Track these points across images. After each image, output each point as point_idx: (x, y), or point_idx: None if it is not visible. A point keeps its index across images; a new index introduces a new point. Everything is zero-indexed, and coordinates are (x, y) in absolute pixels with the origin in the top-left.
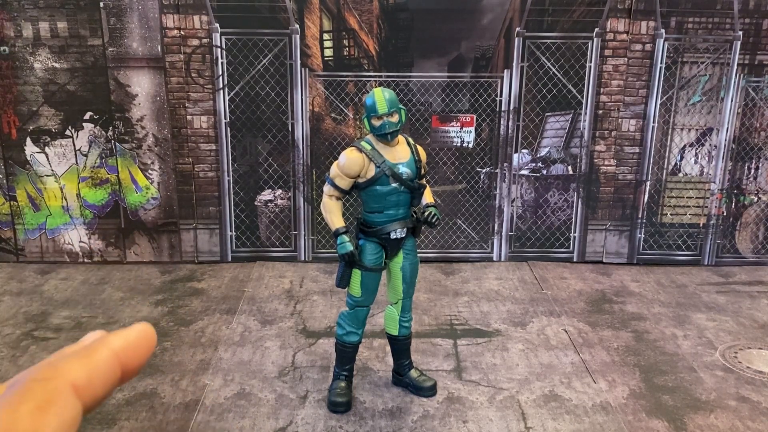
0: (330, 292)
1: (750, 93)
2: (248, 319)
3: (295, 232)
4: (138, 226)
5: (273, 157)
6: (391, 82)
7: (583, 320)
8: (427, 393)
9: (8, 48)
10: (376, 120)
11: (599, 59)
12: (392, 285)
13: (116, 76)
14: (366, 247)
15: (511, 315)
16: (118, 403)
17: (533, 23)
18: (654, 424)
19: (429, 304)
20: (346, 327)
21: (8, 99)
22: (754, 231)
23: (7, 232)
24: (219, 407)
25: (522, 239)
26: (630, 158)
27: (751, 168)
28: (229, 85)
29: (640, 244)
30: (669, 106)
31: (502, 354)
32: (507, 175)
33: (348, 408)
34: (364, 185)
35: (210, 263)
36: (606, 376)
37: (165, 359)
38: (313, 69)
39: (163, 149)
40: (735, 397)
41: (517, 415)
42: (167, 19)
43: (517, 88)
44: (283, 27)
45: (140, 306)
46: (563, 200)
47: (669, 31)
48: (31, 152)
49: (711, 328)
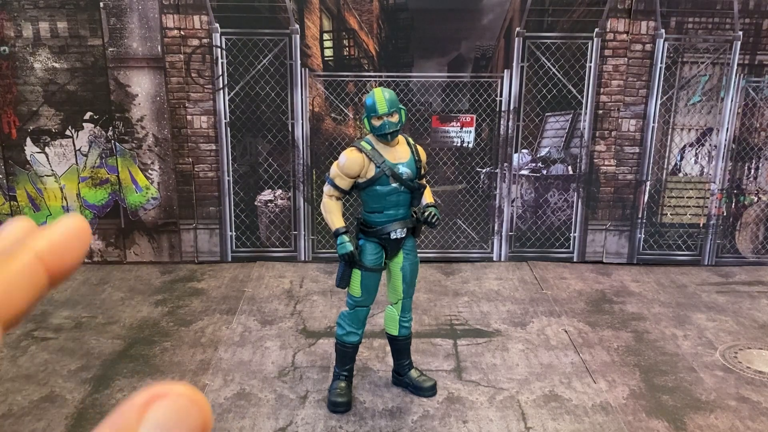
0: (330, 292)
1: (750, 93)
2: (248, 319)
3: (295, 232)
4: (138, 226)
5: (273, 157)
6: (391, 82)
7: (583, 320)
8: (427, 393)
9: (8, 48)
10: (376, 120)
11: (599, 59)
12: (392, 285)
13: (116, 76)
14: (366, 247)
15: (511, 315)
16: (118, 403)
17: (533, 23)
18: (654, 424)
19: (429, 304)
20: (346, 327)
21: (8, 99)
22: (754, 231)
23: None
24: (219, 407)
25: (522, 239)
26: (630, 158)
27: (751, 168)
28: (229, 85)
29: (640, 244)
30: (669, 106)
31: (502, 354)
32: (507, 175)
33: (348, 408)
34: (364, 185)
35: (210, 263)
36: (606, 376)
37: (165, 359)
38: (313, 69)
39: (163, 149)
40: (735, 397)
41: (517, 415)
42: (167, 19)
43: (517, 88)
44: (283, 27)
45: (140, 306)
46: (563, 200)
47: (669, 31)
48: (31, 152)
49: (711, 328)
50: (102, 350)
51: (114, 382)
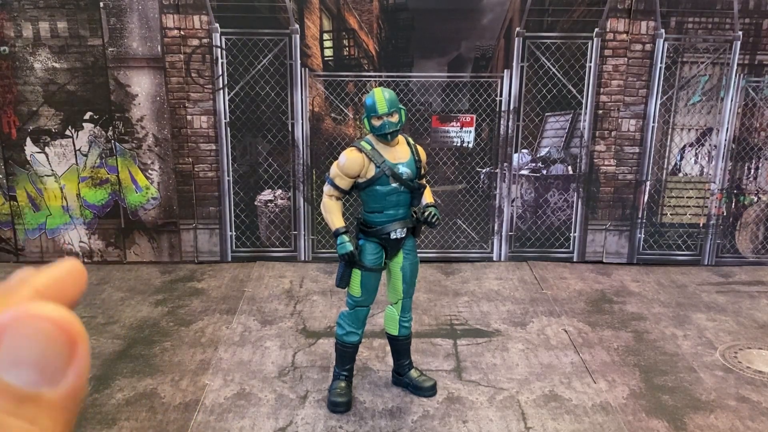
0: (330, 292)
1: (750, 93)
2: (248, 319)
3: (295, 232)
4: (138, 226)
5: (273, 157)
6: (391, 82)
7: (583, 320)
8: (427, 393)
9: (8, 48)
10: (376, 120)
11: (599, 59)
12: (392, 285)
13: (116, 76)
14: (366, 247)
15: (511, 315)
16: (118, 403)
17: (533, 23)
18: (654, 424)
19: (429, 304)
20: (346, 327)
21: (8, 99)
22: (754, 231)
23: (7, 232)
24: (219, 407)
25: (522, 239)
26: (630, 158)
27: (751, 168)
28: (229, 85)
29: (640, 244)
30: (669, 106)
31: (502, 354)
32: (507, 175)
33: (348, 408)
34: (364, 185)
35: (210, 263)
36: (606, 376)
37: (165, 359)
38: (313, 69)
39: (163, 149)
40: (735, 397)
41: (517, 415)
42: (167, 19)
43: (517, 88)
44: (283, 27)
45: (140, 306)
46: (563, 200)
47: (669, 31)
48: (31, 152)
49: (711, 328)
50: (102, 350)
51: (114, 382)
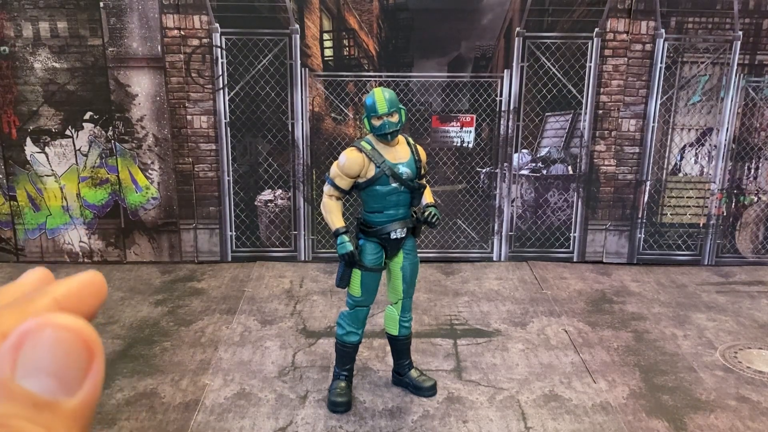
0: (330, 292)
1: (750, 93)
2: (248, 319)
3: (295, 232)
4: (138, 226)
5: (273, 157)
6: (391, 82)
7: (583, 320)
8: (427, 393)
9: (8, 48)
10: (376, 120)
11: (599, 59)
12: (392, 285)
13: (116, 76)
14: (366, 247)
15: (511, 315)
16: (118, 403)
17: (533, 23)
18: (654, 424)
19: (429, 304)
20: (346, 327)
21: (8, 99)
22: (754, 231)
23: (7, 232)
24: (219, 407)
25: (522, 239)
26: (630, 158)
27: (751, 168)
28: (229, 85)
29: (640, 244)
30: (669, 106)
31: (502, 354)
32: (507, 175)
33: (348, 408)
34: (364, 185)
35: (210, 263)
36: (606, 376)
37: (165, 359)
38: (313, 69)
39: (163, 149)
40: (735, 397)
41: (517, 415)
42: (167, 19)
43: (517, 88)
44: (283, 27)
45: (140, 306)
46: (563, 200)
47: (669, 31)
48: (31, 152)
49: (711, 328)
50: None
51: (114, 382)
